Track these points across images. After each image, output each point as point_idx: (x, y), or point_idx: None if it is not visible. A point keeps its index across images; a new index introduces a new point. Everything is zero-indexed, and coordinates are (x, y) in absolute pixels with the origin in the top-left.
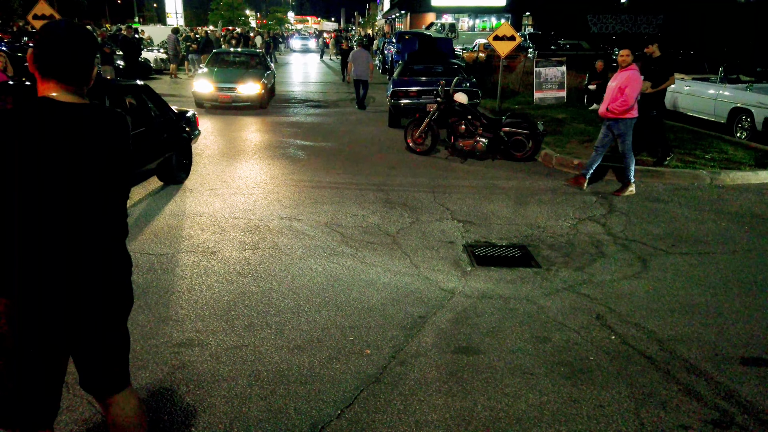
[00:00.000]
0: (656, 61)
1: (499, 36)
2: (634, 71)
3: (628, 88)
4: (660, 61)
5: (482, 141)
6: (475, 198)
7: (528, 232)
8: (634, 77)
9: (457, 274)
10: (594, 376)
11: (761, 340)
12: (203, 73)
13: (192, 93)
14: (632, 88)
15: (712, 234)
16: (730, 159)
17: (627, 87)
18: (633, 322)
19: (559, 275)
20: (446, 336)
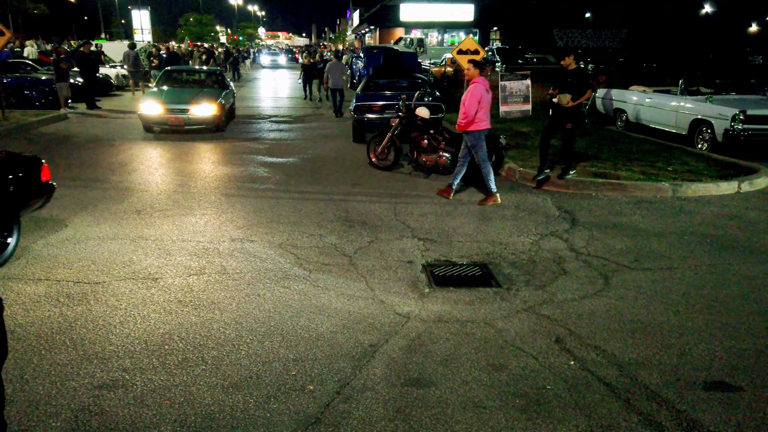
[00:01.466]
0: (573, 74)
1: (463, 50)
2: (475, 84)
3: (466, 102)
4: (576, 73)
5: (445, 156)
6: (437, 214)
7: (490, 250)
8: (473, 91)
9: (414, 296)
10: (551, 407)
11: (723, 362)
12: (151, 93)
13: (138, 116)
14: (469, 101)
15: (675, 249)
16: (692, 171)
17: (465, 101)
18: (593, 344)
19: (520, 295)
20: (397, 366)
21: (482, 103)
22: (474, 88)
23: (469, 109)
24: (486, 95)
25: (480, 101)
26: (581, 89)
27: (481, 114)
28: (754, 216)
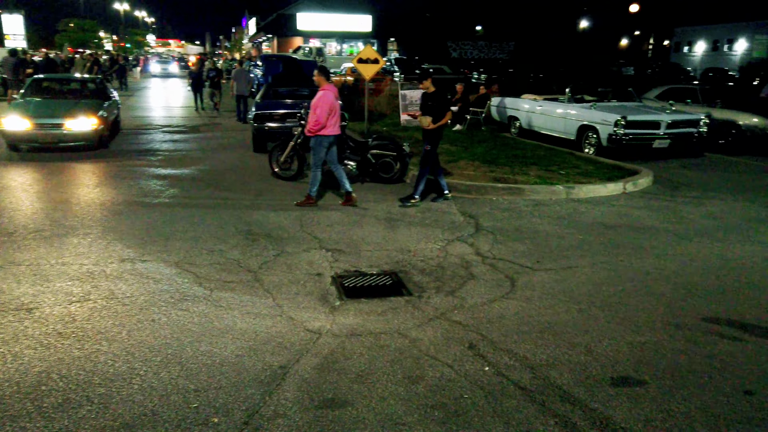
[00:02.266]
0: (432, 97)
1: (363, 59)
2: (324, 92)
3: (318, 108)
4: (436, 96)
5: (350, 164)
6: (344, 224)
7: (399, 258)
8: (322, 97)
9: (324, 310)
10: (470, 417)
11: (627, 357)
12: (17, 105)
13: (0, 132)
14: (321, 107)
15: (572, 248)
16: (583, 173)
17: (317, 107)
18: (505, 348)
19: (431, 302)
20: (310, 388)
21: (332, 111)
22: (324, 95)
23: (321, 116)
24: (335, 102)
25: (330, 108)
26: (441, 112)
27: (331, 120)
28: (639, 214)
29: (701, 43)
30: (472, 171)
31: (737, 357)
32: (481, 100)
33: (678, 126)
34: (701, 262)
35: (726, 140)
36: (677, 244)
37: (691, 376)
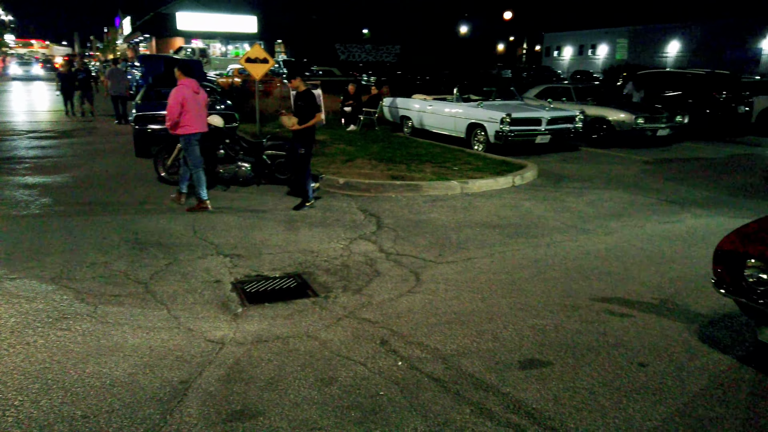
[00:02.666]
0: (302, 97)
1: (252, 58)
2: (179, 86)
3: (169, 103)
4: (305, 96)
5: (244, 166)
6: (242, 228)
7: (302, 259)
8: (175, 92)
9: (226, 318)
10: (387, 414)
11: (531, 340)
12: None
13: None
14: (171, 102)
15: (470, 240)
16: (474, 169)
17: (170, 102)
18: (416, 341)
19: (338, 302)
20: (216, 401)
21: (188, 106)
22: (176, 90)
23: (171, 110)
24: (193, 97)
25: (184, 103)
26: (309, 113)
27: (190, 117)
28: (528, 205)
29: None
30: (370, 169)
31: (629, 332)
32: (374, 101)
33: (557, 122)
34: (587, 247)
35: (598, 135)
36: (565, 231)
37: (591, 354)
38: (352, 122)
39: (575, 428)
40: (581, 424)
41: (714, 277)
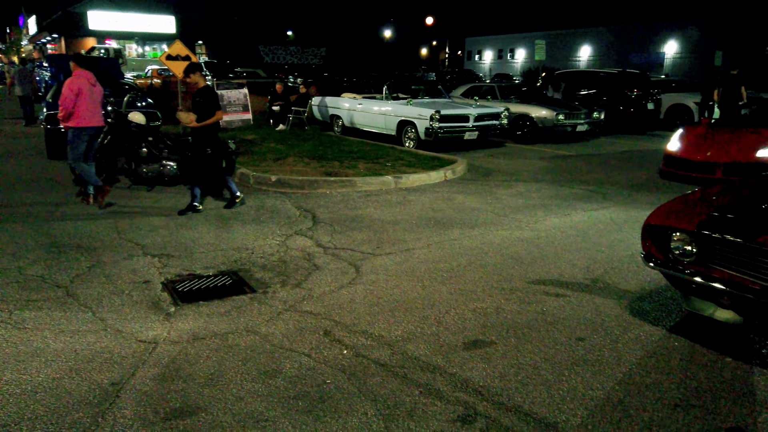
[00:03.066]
0: (201, 93)
1: (173, 56)
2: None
3: (63, 93)
4: (204, 93)
5: (169, 164)
6: (170, 228)
7: (237, 256)
8: (67, 83)
9: (158, 318)
10: (336, 401)
11: (473, 322)
12: None
13: None
14: (65, 93)
15: (407, 232)
16: (407, 165)
17: (64, 92)
18: (360, 330)
19: (278, 296)
20: (152, 400)
21: (82, 97)
22: (71, 80)
23: (64, 101)
24: (89, 88)
25: (78, 94)
26: (209, 110)
27: (83, 109)
28: (461, 198)
29: (489, 51)
30: (302, 167)
31: (565, 310)
32: (302, 100)
33: (484, 119)
34: (520, 235)
35: (522, 131)
36: (497, 221)
37: (531, 332)
38: (281, 122)
39: (522, 402)
40: (528, 398)
41: (643, 251)
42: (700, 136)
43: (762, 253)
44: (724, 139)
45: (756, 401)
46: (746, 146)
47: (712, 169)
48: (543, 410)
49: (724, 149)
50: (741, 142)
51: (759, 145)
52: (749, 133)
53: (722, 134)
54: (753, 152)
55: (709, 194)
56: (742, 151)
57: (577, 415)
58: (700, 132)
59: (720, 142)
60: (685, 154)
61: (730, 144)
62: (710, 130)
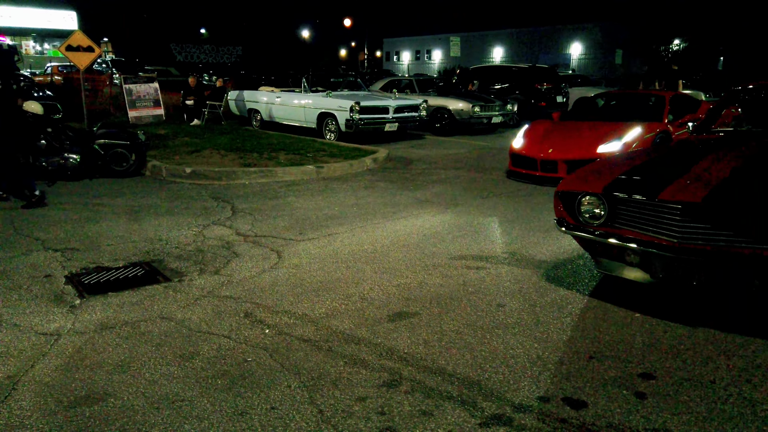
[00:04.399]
0: None
1: (74, 46)
2: None
3: None
4: None
5: (72, 157)
6: (74, 221)
7: (149, 248)
8: None
9: (61, 311)
10: (257, 377)
11: (397, 297)
12: None
13: None
14: None
15: (330, 218)
16: (329, 155)
17: None
18: (283, 310)
19: (195, 284)
20: (54, 390)
21: None
22: None
23: None
24: None
25: None
26: None
27: None
28: (382, 185)
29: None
30: (219, 159)
31: (485, 281)
32: (218, 94)
33: (403, 110)
34: (441, 217)
35: (441, 124)
36: (419, 205)
37: (453, 302)
38: (195, 117)
39: (446, 364)
40: (451, 361)
41: (556, 217)
42: (546, 131)
43: (663, 210)
44: (568, 134)
45: (664, 350)
46: (588, 141)
47: (554, 167)
48: (466, 371)
49: (567, 145)
50: (584, 137)
51: (600, 140)
52: (593, 127)
53: (567, 129)
54: (594, 147)
55: (616, 159)
56: (583, 147)
57: (499, 372)
58: (545, 127)
59: (564, 138)
60: (527, 150)
61: (573, 139)
62: (555, 125)
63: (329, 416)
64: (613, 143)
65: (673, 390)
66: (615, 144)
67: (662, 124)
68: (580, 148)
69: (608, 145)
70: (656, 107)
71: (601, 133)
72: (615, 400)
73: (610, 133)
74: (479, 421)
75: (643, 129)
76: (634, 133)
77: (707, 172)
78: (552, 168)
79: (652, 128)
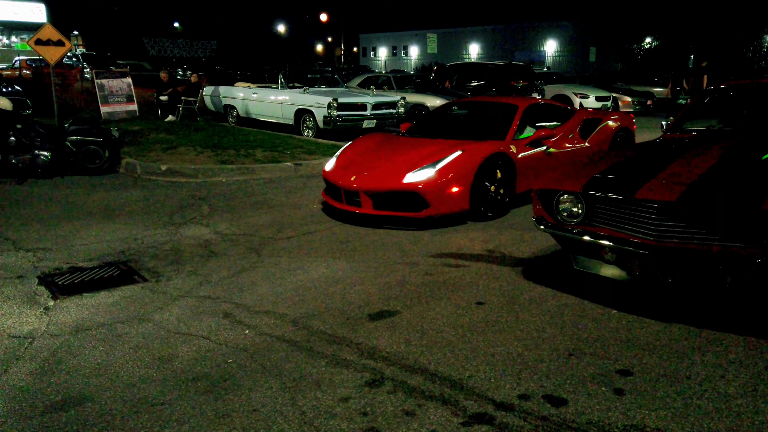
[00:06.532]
0: None
1: (43, 40)
2: None
3: None
4: None
5: (43, 154)
6: (46, 222)
7: (124, 247)
8: None
9: (35, 312)
10: (238, 379)
11: (378, 296)
12: None
13: None
14: None
15: (309, 216)
16: (307, 152)
17: None
18: (263, 310)
19: (172, 284)
20: (29, 395)
21: None
22: None
23: None
24: None
25: None
26: None
27: None
28: None
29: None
30: (195, 155)
31: (465, 279)
32: (193, 89)
33: (381, 107)
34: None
35: None
36: None
37: (434, 300)
38: (170, 112)
39: (428, 363)
40: (433, 359)
41: (534, 215)
42: (368, 150)
43: (639, 209)
44: (387, 155)
45: (640, 346)
46: (400, 167)
47: (357, 200)
48: (448, 369)
49: (376, 171)
50: (398, 161)
51: (413, 166)
52: (417, 147)
53: (394, 147)
54: (402, 176)
55: (595, 159)
56: (391, 174)
57: (480, 371)
58: (373, 143)
59: (378, 161)
60: (333, 176)
61: (387, 163)
62: (387, 141)
63: (312, 417)
64: (425, 171)
65: (650, 386)
66: (427, 171)
67: (501, 143)
68: (386, 176)
69: (418, 174)
70: (504, 121)
71: (421, 155)
72: (594, 397)
73: (428, 156)
74: (462, 420)
75: (470, 151)
76: (452, 157)
77: (682, 170)
78: (356, 201)
79: (482, 150)
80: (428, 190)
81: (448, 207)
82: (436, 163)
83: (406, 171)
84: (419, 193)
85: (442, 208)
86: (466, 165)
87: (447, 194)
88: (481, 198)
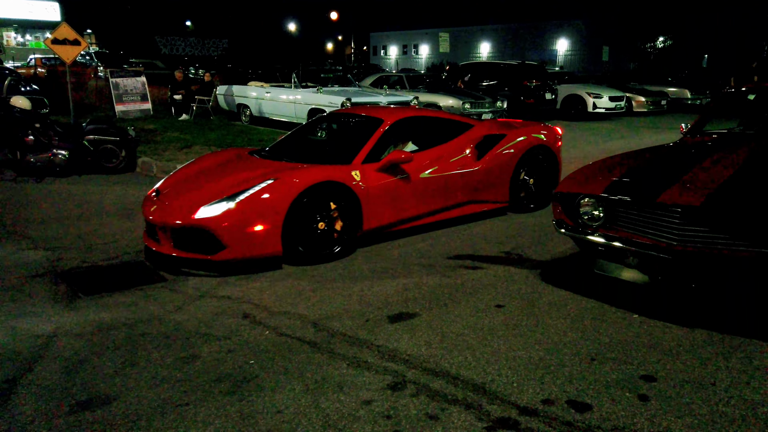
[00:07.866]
0: None
1: (60, 39)
2: None
3: None
4: None
5: (61, 153)
6: (64, 221)
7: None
8: None
9: (57, 311)
10: (261, 380)
11: (397, 297)
12: None
13: None
14: None
15: None
16: None
17: None
18: (282, 311)
19: (191, 283)
20: (55, 395)
21: None
22: None
23: None
24: None
25: None
26: None
27: None
28: None
29: (394, 47)
30: None
31: (483, 281)
32: (207, 88)
33: None
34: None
35: None
36: None
37: (452, 303)
38: (184, 111)
39: (449, 367)
40: (454, 363)
41: (554, 218)
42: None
43: (662, 213)
44: (201, 181)
45: (664, 351)
46: (200, 198)
47: (157, 237)
48: (470, 373)
49: (177, 201)
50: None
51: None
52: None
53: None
54: (196, 210)
55: (613, 161)
56: (186, 207)
57: (502, 374)
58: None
59: (190, 187)
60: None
61: (194, 191)
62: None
63: (335, 420)
64: (222, 204)
65: (675, 392)
66: (225, 204)
67: (341, 169)
68: (182, 209)
69: (214, 207)
70: (358, 140)
71: (231, 182)
72: (619, 403)
73: (236, 185)
74: (486, 425)
75: (284, 179)
76: (258, 188)
77: (706, 174)
78: (155, 236)
79: (304, 178)
80: (222, 227)
81: (251, 250)
82: (237, 194)
83: (203, 203)
84: (211, 231)
85: (242, 251)
86: (277, 198)
87: (248, 233)
88: (303, 237)
